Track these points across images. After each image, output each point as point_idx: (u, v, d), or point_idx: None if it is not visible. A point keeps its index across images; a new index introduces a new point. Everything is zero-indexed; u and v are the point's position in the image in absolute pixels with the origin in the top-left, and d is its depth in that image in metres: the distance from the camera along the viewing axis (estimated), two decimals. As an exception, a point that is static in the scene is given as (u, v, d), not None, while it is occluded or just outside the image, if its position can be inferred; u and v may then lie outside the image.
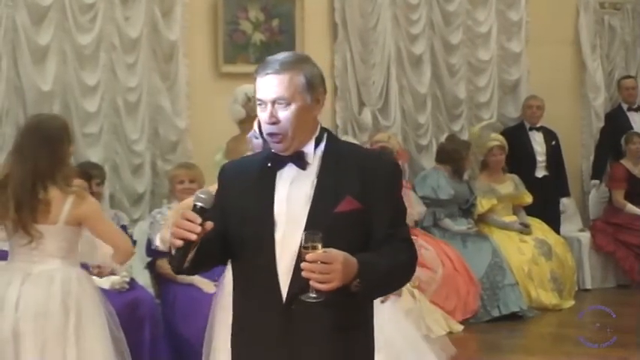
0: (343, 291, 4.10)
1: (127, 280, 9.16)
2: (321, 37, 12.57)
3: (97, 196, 9.89)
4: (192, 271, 4.46)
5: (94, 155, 10.56)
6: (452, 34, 13.54)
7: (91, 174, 9.83)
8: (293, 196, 4.33)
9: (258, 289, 4.35)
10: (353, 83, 12.71)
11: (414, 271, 4.51)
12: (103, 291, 8.95)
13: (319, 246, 4.03)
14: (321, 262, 4.01)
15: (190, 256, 4.20)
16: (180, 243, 4.13)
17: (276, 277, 4.27)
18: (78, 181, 9.39)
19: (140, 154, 11.03)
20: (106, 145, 10.80)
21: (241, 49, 11.79)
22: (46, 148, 7.03)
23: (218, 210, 4.41)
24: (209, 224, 4.16)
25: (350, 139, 11.28)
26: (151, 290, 9.47)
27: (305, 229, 4.17)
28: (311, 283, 4.04)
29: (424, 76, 13.33)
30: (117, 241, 7.23)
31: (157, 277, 9.71)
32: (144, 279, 9.59)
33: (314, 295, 4.06)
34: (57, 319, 6.93)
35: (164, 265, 8.81)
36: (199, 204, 4.21)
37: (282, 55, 4.40)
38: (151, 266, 9.63)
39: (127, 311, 8.92)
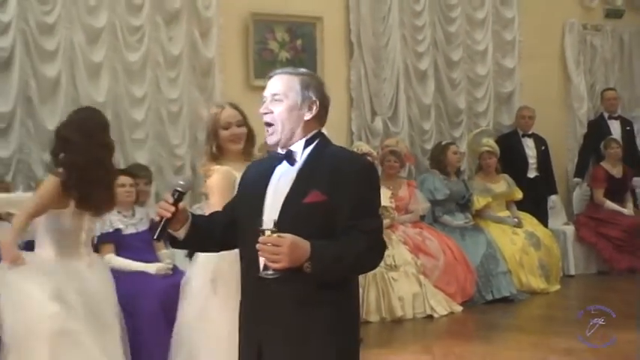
0: (299, 271, 4.19)
1: (171, 266, 9.21)
2: (339, 54, 12.59)
3: (145, 193, 9.96)
4: (197, 248, 4.99)
5: (141, 158, 10.57)
6: (453, 51, 13.56)
7: (139, 174, 9.90)
8: (278, 188, 4.44)
9: (248, 264, 4.47)
10: (366, 95, 12.73)
11: (374, 259, 4.49)
12: (149, 275, 9.06)
13: (272, 230, 4.16)
14: (271, 245, 4.12)
15: (184, 232, 4.51)
16: (158, 219, 4.43)
17: (256, 254, 4.29)
18: (125, 179, 9.51)
19: (181, 157, 11.06)
20: (151, 150, 10.83)
21: (269, 65, 11.74)
22: None
23: (233, 201, 4.72)
24: (182, 205, 4.44)
25: (363, 143, 11.33)
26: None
27: (279, 218, 4.26)
28: (264, 261, 4.20)
29: (428, 89, 13.34)
30: None
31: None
32: (185, 266, 9.62)
33: (270, 272, 4.20)
34: None
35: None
36: (178, 189, 4.46)
37: (290, 69, 4.63)
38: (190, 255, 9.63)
39: (171, 293, 8.97)
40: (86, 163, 6.71)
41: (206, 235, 4.61)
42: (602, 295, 12.76)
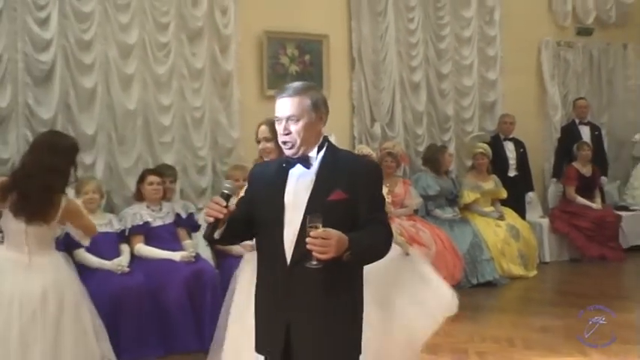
0: (334, 260, 4.25)
1: (194, 254, 9.19)
2: (342, 68, 12.54)
3: (170, 191, 9.96)
4: (224, 243, 4.92)
5: (168, 159, 10.55)
6: (443, 65, 13.52)
7: (165, 173, 9.89)
8: (298, 188, 4.53)
9: (271, 255, 4.54)
10: (366, 103, 12.69)
11: (390, 245, 4.62)
12: (175, 262, 9.03)
13: (320, 225, 4.22)
14: (321, 238, 4.18)
15: (220, 230, 4.49)
16: (211, 220, 4.43)
17: (282, 247, 4.47)
18: (154, 178, 9.50)
19: (203, 158, 11.02)
20: (177, 152, 10.79)
21: (281, 77, 11.75)
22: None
23: (247, 199, 4.72)
24: (232, 207, 4.48)
25: (364, 146, 11.28)
26: (212, 262, 9.46)
27: (305, 213, 4.40)
28: (313, 253, 4.22)
29: (421, 98, 13.30)
30: None
31: (216, 251, 9.68)
32: (206, 254, 9.59)
33: (315, 263, 4.27)
34: None
35: (78, 254, 8.77)
36: (226, 191, 4.50)
37: (295, 84, 4.62)
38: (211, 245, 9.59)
39: (194, 279, 8.95)
40: (26, 178, 6.56)
41: (234, 232, 4.60)
42: (574, 279, 12.76)
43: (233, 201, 4.61)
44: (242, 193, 4.80)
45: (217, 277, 9.01)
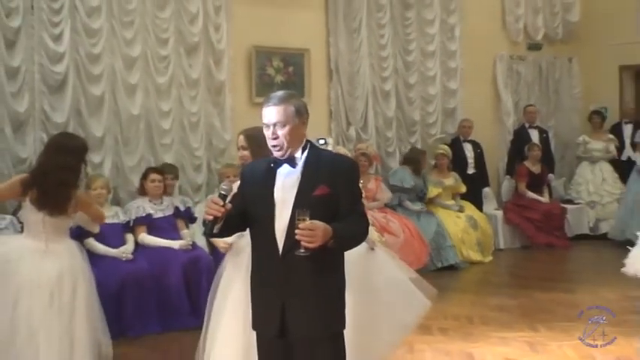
0: (320, 249, 4.32)
1: (190, 243, 9.21)
2: (321, 78, 12.52)
3: (172, 187, 9.97)
4: (222, 236, 4.86)
5: (168, 159, 10.55)
6: (410, 76, 13.51)
7: (168, 171, 9.96)
8: (286, 185, 4.55)
9: (265, 246, 4.56)
10: (343, 110, 12.67)
11: (367, 233, 4.71)
12: (174, 250, 9.02)
13: (307, 218, 4.29)
14: (309, 230, 4.25)
15: (219, 225, 4.52)
16: (210, 218, 4.47)
17: (274, 238, 4.50)
18: (155, 176, 9.50)
19: (199, 158, 11.01)
20: (176, 152, 10.78)
21: (268, 86, 11.72)
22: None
23: (240, 196, 4.72)
24: (229, 205, 4.49)
25: (341, 147, 11.27)
26: (206, 250, 9.45)
27: (293, 208, 4.44)
28: (302, 243, 4.28)
29: (391, 105, 13.28)
30: None
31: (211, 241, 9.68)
32: (202, 242, 9.57)
33: (303, 251, 4.33)
34: None
35: (88, 243, 8.72)
36: (222, 192, 4.54)
37: (279, 93, 4.65)
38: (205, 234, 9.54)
39: (191, 264, 8.96)
40: (43, 175, 6.55)
41: (230, 226, 4.62)
42: (525, 264, 12.79)
43: (228, 197, 4.63)
44: (235, 189, 4.79)
45: (211, 263, 8.98)
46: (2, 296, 6.37)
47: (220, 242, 6.46)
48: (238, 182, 4.93)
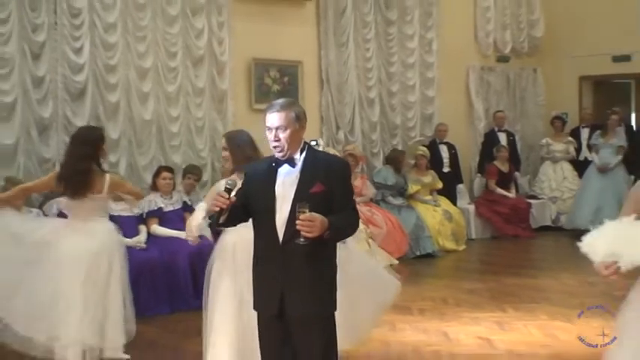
0: (317, 239, 4.36)
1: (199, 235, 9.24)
2: (313, 87, 12.54)
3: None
4: (226, 226, 4.87)
5: (176, 159, 10.61)
6: (392, 85, 13.52)
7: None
8: (286, 182, 4.57)
9: (267, 236, 4.58)
10: (332, 115, 12.69)
11: (358, 226, 4.74)
12: (183, 240, 9.05)
13: (307, 211, 4.32)
14: (308, 221, 4.29)
15: (224, 217, 4.53)
16: (217, 209, 4.48)
17: (275, 229, 4.52)
18: (166, 174, 9.54)
19: (204, 158, 11.02)
20: (183, 153, 10.80)
21: (265, 94, 11.73)
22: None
23: (244, 191, 4.70)
24: (233, 198, 4.50)
25: (331, 148, 11.29)
26: (211, 239, 9.45)
27: (293, 203, 4.46)
28: (302, 232, 4.31)
29: (375, 111, 13.30)
30: None
31: (215, 231, 9.65)
32: (207, 233, 9.56)
33: (303, 240, 4.36)
34: None
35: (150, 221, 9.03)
36: (228, 186, 4.57)
37: (281, 100, 4.67)
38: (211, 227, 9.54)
39: (197, 253, 8.93)
40: (66, 166, 6.62)
41: (234, 217, 4.64)
42: (494, 252, 12.83)
43: (233, 191, 4.65)
44: (239, 184, 4.82)
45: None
46: (44, 271, 6.44)
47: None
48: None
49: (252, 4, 11.60)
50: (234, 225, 4.91)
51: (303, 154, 4.60)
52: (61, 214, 8.68)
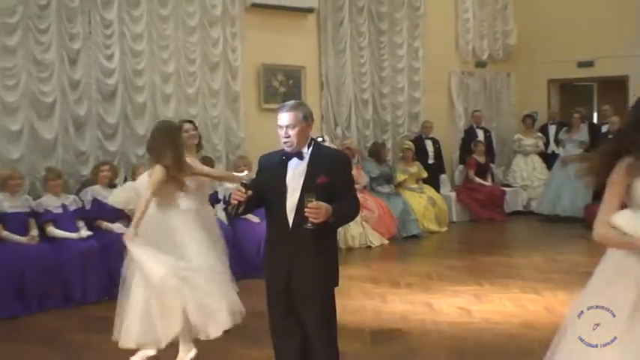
0: (323, 224, 4.37)
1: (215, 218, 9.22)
2: (315, 89, 12.53)
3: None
4: (244, 214, 4.80)
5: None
6: (384, 88, 13.52)
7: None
8: (295, 174, 4.56)
9: (278, 222, 4.58)
10: (331, 114, 12.69)
11: (358, 213, 4.77)
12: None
13: (314, 199, 4.32)
14: (315, 208, 4.29)
15: (241, 208, 4.51)
16: (235, 202, 4.49)
17: (286, 215, 4.52)
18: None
19: (219, 151, 10.99)
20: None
21: (272, 96, 11.74)
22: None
23: (258, 182, 4.71)
24: (250, 192, 4.47)
25: (331, 143, 11.31)
26: (226, 222, 9.47)
27: (301, 192, 4.46)
28: (310, 219, 4.32)
29: (369, 110, 13.30)
30: None
31: (228, 216, 9.66)
32: (222, 217, 9.59)
33: (310, 225, 4.36)
34: None
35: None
36: (245, 182, 4.58)
37: (290, 102, 4.69)
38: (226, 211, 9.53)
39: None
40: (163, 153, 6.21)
41: (250, 206, 4.62)
42: (472, 234, 12.86)
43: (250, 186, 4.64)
44: (253, 175, 4.85)
45: (230, 231, 9.05)
46: (167, 247, 6.08)
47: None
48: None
49: (261, 17, 11.59)
50: (250, 213, 4.95)
51: (310, 148, 4.60)
52: (96, 201, 8.78)
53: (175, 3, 10.58)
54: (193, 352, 6.06)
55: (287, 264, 4.54)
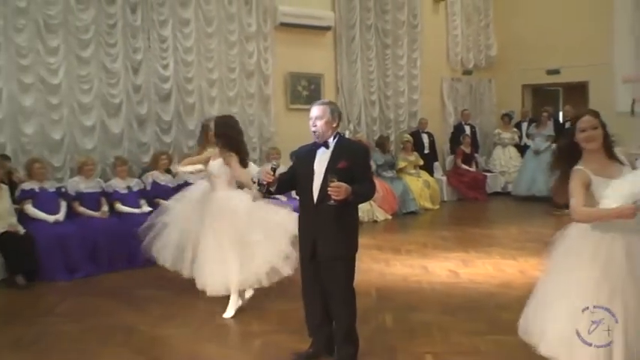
0: (343, 201, 4.31)
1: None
2: (331, 92, 12.41)
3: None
4: (277, 194, 4.75)
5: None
6: (388, 91, 13.42)
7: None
8: (321, 160, 4.51)
9: (306, 198, 4.53)
10: (345, 113, 12.50)
11: (374, 193, 4.62)
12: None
13: (335, 180, 4.27)
14: (336, 187, 4.25)
15: (272, 188, 4.49)
16: (264, 182, 4.47)
17: (312, 193, 4.48)
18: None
19: (255, 142, 10.94)
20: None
21: (297, 98, 11.70)
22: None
23: (293, 167, 4.73)
24: (276, 175, 4.50)
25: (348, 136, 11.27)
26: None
27: (325, 174, 4.40)
28: (332, 196, 4.28)
29: (375, 109, 13.23)
30: None
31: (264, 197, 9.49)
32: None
33: (332, 202, 4.31)
34: None
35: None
36: (273, 166, 4.56)
37: (323, 99, 4.86)
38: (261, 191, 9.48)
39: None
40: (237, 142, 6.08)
41: (282, 187, 4.62)
42: (460, 210, 12.76)
43: (280, 170, 4.63)
44: (280, 165, 4.80)
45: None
46: (198, 218, 6.10)
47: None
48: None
49: (288, 34, 11.53)
50: (285, 193, 4.93)
51: (335, 139, 4.55)
52: (155, 184, 8.81)
53: (219, 22, 10.57)
54: (251, 292, 6.12)
55: (312, 233, 4.51)
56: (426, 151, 13.58)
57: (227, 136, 5.99)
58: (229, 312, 5.95)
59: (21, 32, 8.55)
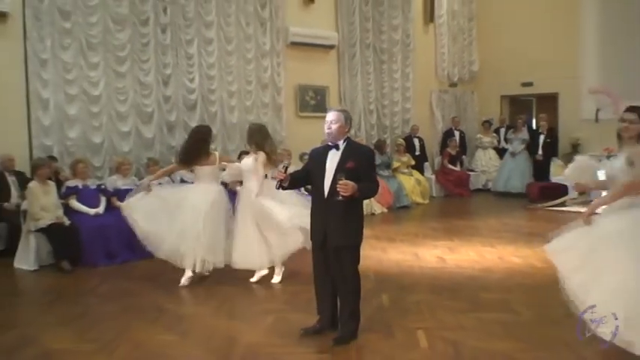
0: (350, 197, 4.28)
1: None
2: (335, 102, 12.29)
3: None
4: (292, 189, 4.75)
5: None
6: (384, 101, 13.38)
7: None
8: (332, 160, 4.45)
9: (317, 193, 4.48)
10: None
11: (377, 191, 4.53)
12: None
13: (344, 178, 4.23)
14: (344, 185, 4.20)
15: (285, 183, 4.46)
16: (277, 179, 4.49)
17: (323, 188, 4.43)
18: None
19: (268, 146, 10.95)
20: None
21: (306, 107, 11.68)
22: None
23: (308, 165, 4.68)
24: (288, 173, 4.50)
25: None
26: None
27: (335, 172, 4.36)
28: (340, 192, 4.23)
29: (374, 117, 13.18)
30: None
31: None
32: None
33: (340, 198, 4.26)
34: None
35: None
36: (284, 164, 4.56)
37: (335, 107, 4.85)
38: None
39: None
40: (185, 151, 6.48)
41: (296, 182, 4.59)
42: (446, 205, 12.65)
43: (291, 169, 4.60)
44: (290, 164, 4.78)
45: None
46: (181, 216, 6.27)
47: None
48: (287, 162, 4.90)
49: (297, 51, 11.49)
50: (299, 188, 4.88)
51: (345, 142, 4.50)
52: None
53: (237, 41, 10.54)
54: (282, 268, 6.35)
55: (322, 224, 4.47)
56: (417, 153, 13.50)
57: (255, 139, 6.34)
58: (277, 278, 6.30)
59: (66, 50, 8.60)
